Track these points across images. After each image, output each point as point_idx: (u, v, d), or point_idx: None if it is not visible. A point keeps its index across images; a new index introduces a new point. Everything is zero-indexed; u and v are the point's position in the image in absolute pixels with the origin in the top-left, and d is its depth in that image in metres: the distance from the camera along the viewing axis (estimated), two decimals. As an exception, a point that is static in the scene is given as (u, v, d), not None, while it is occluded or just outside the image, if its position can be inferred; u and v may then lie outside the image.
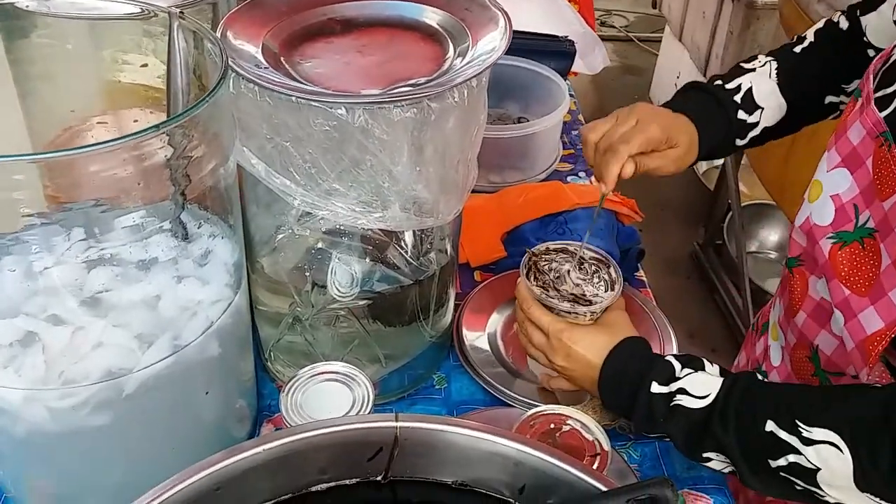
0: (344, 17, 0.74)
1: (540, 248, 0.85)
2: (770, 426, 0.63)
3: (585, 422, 0.68)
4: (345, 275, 0.77)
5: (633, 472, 0.77)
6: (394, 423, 0.56)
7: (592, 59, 1.52)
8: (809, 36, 0.89)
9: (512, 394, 0.85)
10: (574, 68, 1.45)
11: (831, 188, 0.71)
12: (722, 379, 0.67)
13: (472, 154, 0.75)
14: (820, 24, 0.89)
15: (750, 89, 0.87)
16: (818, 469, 0.61)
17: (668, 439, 0.70)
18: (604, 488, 0.54)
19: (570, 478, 0.55)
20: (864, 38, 0.83)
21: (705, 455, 0.68)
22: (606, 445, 0.66)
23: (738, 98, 0.87)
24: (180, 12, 0.64)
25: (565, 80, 1.34)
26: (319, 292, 0.78)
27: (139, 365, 0.61)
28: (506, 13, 0.71)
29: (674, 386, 0.68)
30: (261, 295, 0.83)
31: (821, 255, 0.70)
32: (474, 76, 0.64)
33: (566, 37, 1.39)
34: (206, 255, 0.69)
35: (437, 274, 0.82)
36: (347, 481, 0.57)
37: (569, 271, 0.83)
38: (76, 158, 0.55)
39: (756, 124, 0.88)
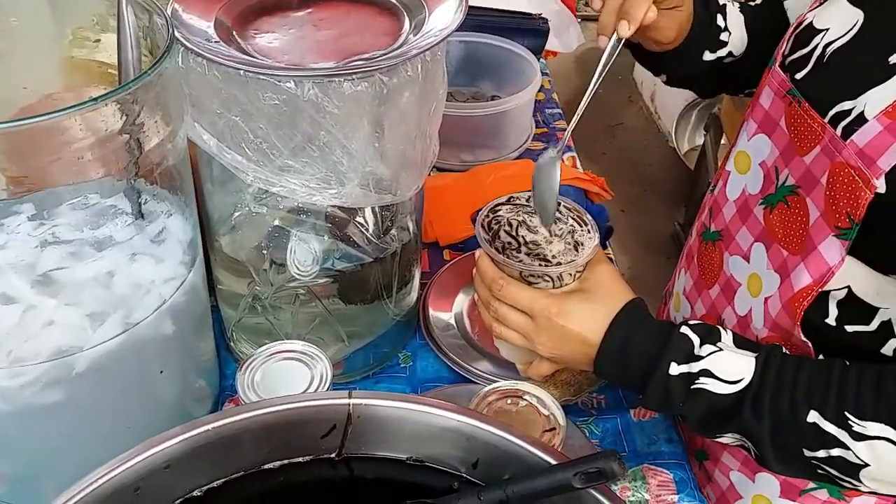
0: (300, -8, 0.73)
1: (486, 210, 0.75)
2: (813, 417, 0.58)
3: (542, 396, 0.68)
4: (304, 253, 0.77)
5: (593, 447, 0.77)
6: (346, 400, 0.56)
7: (567, 37, 1.51)
8: None
9: (477, 370, 0.85)
10: (548, 46, 1.45)
11: (757, 156, 0.71)
12: (753, 359, 0.62)
13: (430, 129, 0.74)
14: None
15: (725, 6, 0.85)
16: (866, 465, 0.58)
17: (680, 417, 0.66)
18: (553, 461, 0.54)
19: (522, 452, 0.55)
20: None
21: (721, 435, 0.65)
22: (562, 420, 0.67)
23: (720, 3, 0.85)
24: (129, -15, 0.63)
25: (539, 58, 1.33)
26: (278, 271, 0.77)
27: (90, 343, 0.61)
28: (461, -14, 0.70)
29: (695, 366, 0.63)
30: (220, 275, 0.82)
31: (755, 224, 0.71)
32: (427, 49, 0.63)
33: (540, 14, 1.38)
34: (161, 233, 0.68)
35: (399, 252, 0.81)
36: (301, 458, 0.56)
37: (520, 225, 0.74)
38: (28, 132, 0.54)
39: (725, 44, 0.84)
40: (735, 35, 0.84)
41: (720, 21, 0.84)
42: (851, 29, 0.64)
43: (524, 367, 0.77)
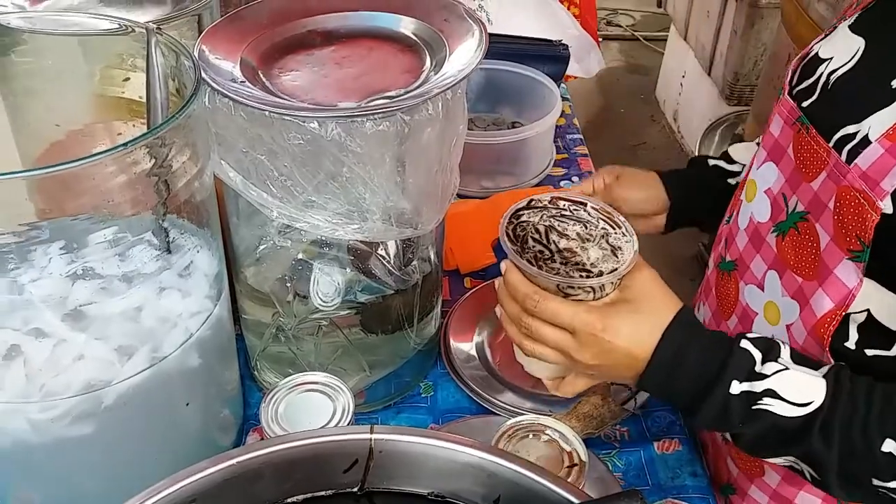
0: (325, 30, 0.74)
1: (508, 217, 0.69)
2: (889, 446, 0.56)
3: (564, 431, 0.68)
4: (327, 285, 0.78)
5: (616, 481, 0.77)
6: (368, 435, 0.57)
7: (588, 62, 1.52)
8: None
9: (498, 402, 0.85)
10: (569, 72, 1.46)
11: (763, 184, 0.72)
12: (823, 382, 0.59)
13: (451, 163, 0.75)
14: None
15: (725, 151, 0.95)
16: None
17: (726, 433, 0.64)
18: (576, 500, 0.54)
19: (544, 490, 0.55)
20: None
21: (774, 457, 0.62)
22: (584, 456, 0.67)
23: (713, 161, 0.95)
24: (157, 28, 0.65)
25: (559, 84, 1.34)
26: (302, 303, 0.78)
27: (118, 377, 0.62)
28: (482, 24, 0.71)
29: (758, 385, 0.59)
30: (246, 305, 0.84)
31: (769, 252, 0.71)
32: (448, 88, 0.64)
33: (560, 41, 1.39)
34: (188, 267, 0.69)
35: (420, 283, 0.82)
36: (323, 493, 0.57)
37: (549, 230, 0.67)
38: (60, 173, 0.56)
39: (738, 173, 0.91)
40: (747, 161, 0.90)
41: (714, 162, 0.93)
42: (854, 56, 0.65)
43: (554, 383, 0.72)
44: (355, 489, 0.57)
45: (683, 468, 0.80)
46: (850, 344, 0.65)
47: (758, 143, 0.90)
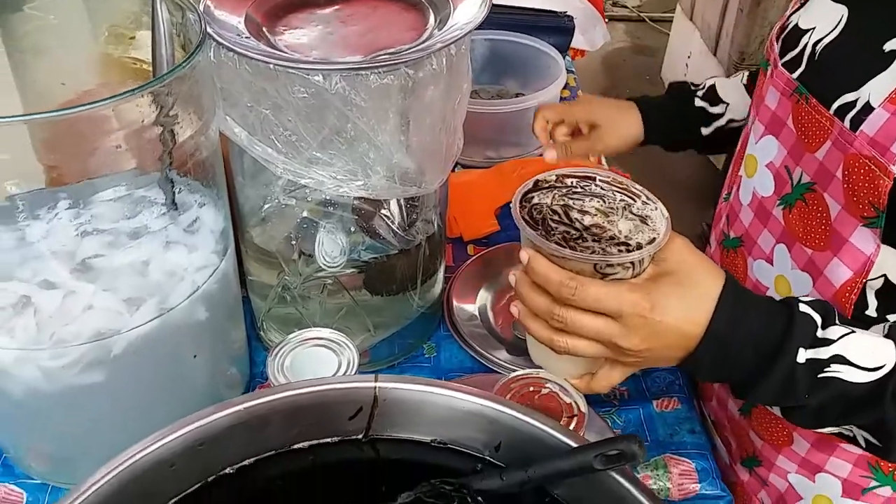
0: (328, -12, 0.75)
1: (518, 200, 0.62)
2: None
3: (564, 384, 0.69)
4: (332, 244, 0.79)
5: (614, 434, 0.78)
6: (372, 384, 0.58)
7: (593, 35, 1.52)
8: None
9: (500, 361, 0.86)
10: (574, 44, 1.46)
11: (764, 158, 0.71)
12: (891, 343, 0.56)
13: (455, 122, 0.76)
14: None
15: (713, 86, 0.94)
16: None
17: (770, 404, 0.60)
18: (574, 444, 0.55)
19: (544, 435, 0.56)
20: None
21: (834, 427, 0.59)
22: (584, 408, 0.67)
23: (699, 92, 0.95)
24: (163, -17, 0.66)
25: (564, 56, 1.34)
26: (307, 262, 0.79)
27: (127, 326, 0.63)
28: (485, -20, 0.71)
29: (824, 352, 0.55)
30: (251, 267, 0.85)
31: (776, 225, 0.70)
32: (452, 43, 0.65)
33: (565, 12, 1.39)
34: (194, 223, 0.70)
35: (424, 244, 0.83)
36: (329, 439, 0.58)
37: (567, 209, 0.61)
38: (67, 123, 0.57)
39: (720, 115, 0.92)
40: (733, 105, 0.91)
41: (700, 103, 0.93)
42: (838, 24, 0.65)
43: (583, 381, 0.66)
44: (360, 436, 0.58)
45: (682, 425, 0.81)
46: (871, 311, 0.64)
47: (744, 84, 0.92)
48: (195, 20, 0.63)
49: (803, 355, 0.55)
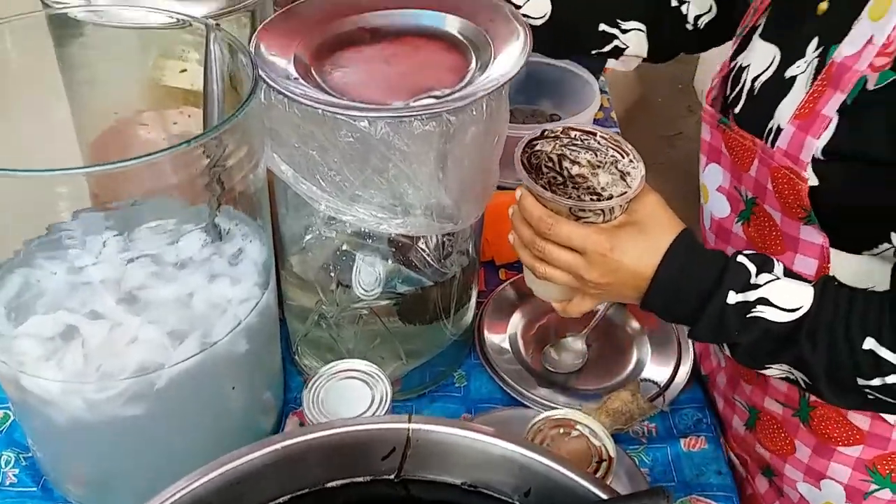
0: (373, 27, 0.76)
1: (522, 146, 0.71)
2: (869, 343, 0.60)
3: (594, 427, 0.70)
4: (369, 275, 0.80)
5: (643, 476, 0.79)
6: (406, 425, 0.59)
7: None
8: None
9: (530, 395, 0.87)
10: (608, 65, 1.45)
11: (713, 184, 0.78)
12: (811, 289, 0.63)
13: (492, 161, 0.77)
14: None
15: None
16: None
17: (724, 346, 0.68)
18: (604, 496, 0.56)
19: (573, 485, 0.57)
20: None
21: (769, 365, 0.66)
22: (613, 452, 0.68)
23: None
24: (216, 24, 0.67)
25: (598, 78, 1.34)
26: (344, 291, 0.81)
27: (170, 361, 0.65)
28: (527, 27, 0.72)
29: (752, 294, 0.63)
30: (290, 291, 0.86)
31: (739, 241, 0.76)
32: (493, 90, 0.66)
33: (601, 34, 1.38)
34: (238, 255, 0.72)
35: (458, 276, 0.84)
36: (362, 479, 0.60)
37: (561, 158, 0.70)
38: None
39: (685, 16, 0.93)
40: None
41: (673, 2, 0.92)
42: (772, 63, 0.71)
43: (562, 305, 0.76)
44: (392, 476, 0.59)
45: (709, 466, 0.82)
46: None
47: None
48: (246, 63, 0.65)
49: (733, 297, 0.63)
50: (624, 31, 0.95)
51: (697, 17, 0.93)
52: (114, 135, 0.86)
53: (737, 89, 0.75)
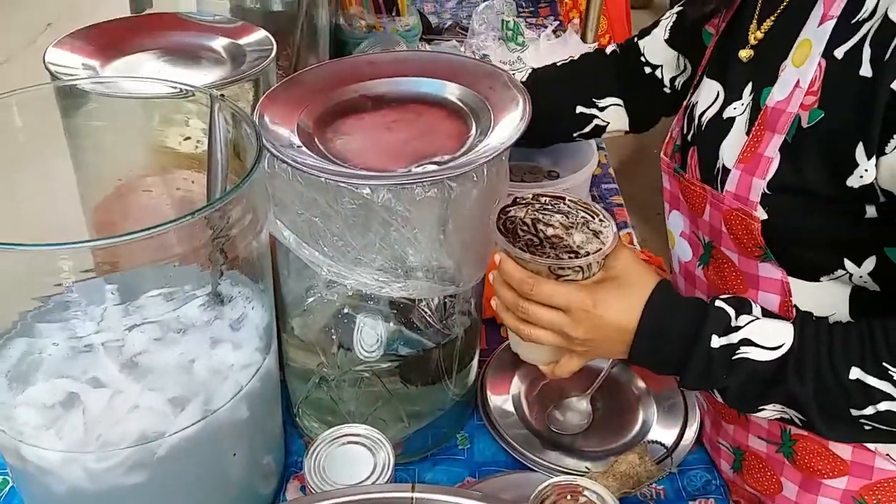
0: (375, 94, 0.78)
1: (496, 213, 0.73)
2: (856, 373, 0.61)
3: (601, 493, 0.69)
4: (370, 337, 0.80)
5: (651, 541, 0.77)
6: (410, 494, 0.58)
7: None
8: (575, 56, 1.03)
9: (534, 458, 0.86)
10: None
11: (676, 229, 0.82)
12: (790, 325, 0.64)
13: (492, 223, 0.77)
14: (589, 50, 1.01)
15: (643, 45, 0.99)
16: None
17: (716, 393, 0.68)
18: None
19: (581, 554, 0.56)
20: (642, 58, 0.97)
21: (762, 407, 0.66)
22: (621, 518, 0.67)
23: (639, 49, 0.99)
24: (221, 94, 0.69)
25: (596, 135, 1.36)
26: (346, 354, 0.81)
27: (172, 429, 0.64)
28: (526, 94, 0.73)
29: (734, 337, 0.64)
30: (291, 353, 0.86)
31: (702, 284, 0.79)
32: (493, 157, 0.66)
33: (598, 93, 1.41)
34: (241, 320, 0.72)
35: (460, 336, 0.84)
36: (365, 548, 0.59)
37: (536, 222, 0.73)
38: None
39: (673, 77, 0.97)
40: (666, 61, 0.96)
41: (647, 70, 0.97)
42: (717, 99, 0.75)
43: (549, 368, 0.77)
44: (396, 545, 0.59)
45: (718, 529, 0.80)
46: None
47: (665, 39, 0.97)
48: (250, 132, 0.66)
49: (717, 342, 0.65)
50: (602, 109, 0.99)
51: (673, 79, 0.96)
52: (117, 199, 0.87)
53: (692, 127, 0.78)
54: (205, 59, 0.91)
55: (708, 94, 0.77)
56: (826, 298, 0.69)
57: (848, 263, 0.65)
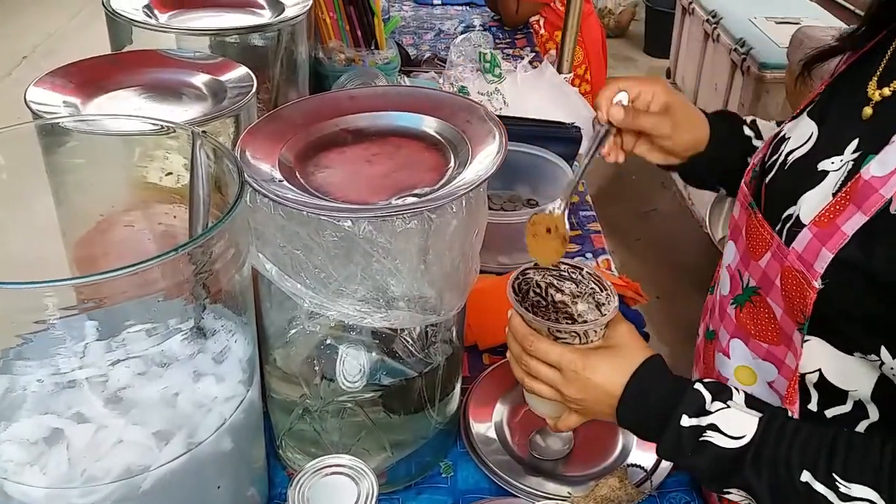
0: (355, 128, 0.80)
1: (517, 273, 0.82)
2: (805, 476, 0.63)
3: (583, 518, 0.70)
4: (353, 367, 0.81)
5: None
6: (394, 524, 0.59)
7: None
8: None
9: (517, 484, 0.87)
10: (581, 151, 1.50)
11: (726, 260, 0.82)
12: (757, 419, 0.67)
13: (472, 252, 0.79)
14: None
15: (755, 120, 0.97)
16: None
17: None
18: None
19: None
20: None
21: (728, 490, 0.69)
22: (604, 542, 0.68)
23: (746, 119, 0.97)
24: (203, 131, 0.70)
25: (571, 164, 1.39)
26: (328, 384, 0.81)
27: (156, 462, 0.64)
28: (502, 127, 0.75)
29: (704, 420, 0.68)
30: (273, 384, 0.87)
31: (730, 323, 0.80)
32: (471, 189, 0.68)
33: (573, 123, 1.44)
34: (224, 353, 0.73)
35: (442, 365, 0.85)
36: (350, 579, 0.59)
37: (548, 286, 0.81)
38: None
39: (755, 150, 0.94)
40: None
41: (747, 131, 0.94)
42: (809, 140, 0.74)
43: (553, 421, 0.82)
44: (381, 576, 0.59)
45: (701, 553, 0.81)
46: (813, 405, 0.72)
47: (777, 124, 0.94)
48: (232, 168, 0.67)
49: (687, 421, 0.68)
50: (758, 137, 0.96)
51: None
52: (99, 234, 0.87)
53: (774, 157, 0.78)
54: (186, 95, 0.93)
55: (802, 132, 0.75)
56: (853, 373, 0.69)
57: (884, 352, 0.65)
